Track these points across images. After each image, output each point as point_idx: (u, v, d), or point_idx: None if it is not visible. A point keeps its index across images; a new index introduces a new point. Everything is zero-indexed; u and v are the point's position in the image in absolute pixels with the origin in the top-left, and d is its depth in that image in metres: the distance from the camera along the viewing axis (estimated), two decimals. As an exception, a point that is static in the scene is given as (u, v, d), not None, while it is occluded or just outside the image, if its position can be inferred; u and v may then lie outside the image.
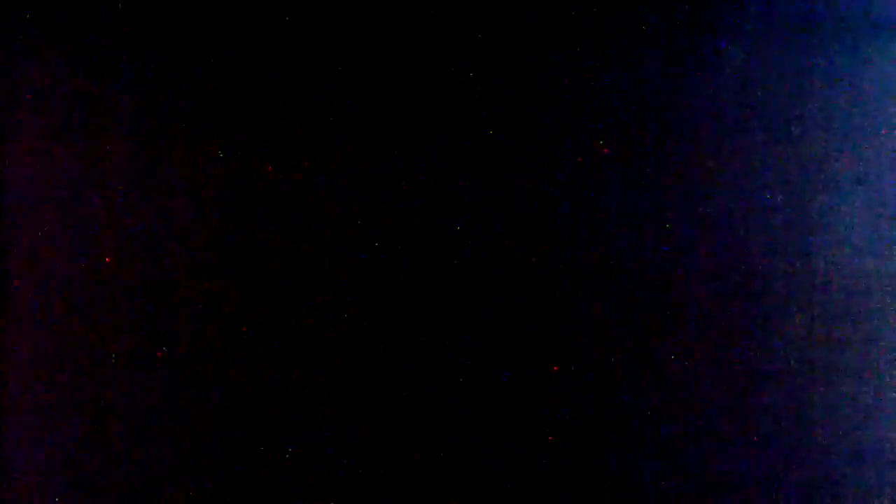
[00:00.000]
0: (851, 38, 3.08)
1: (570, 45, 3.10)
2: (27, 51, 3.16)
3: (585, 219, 3.07)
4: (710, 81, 3.08)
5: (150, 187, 3.13)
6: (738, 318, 3.05)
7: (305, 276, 3.09)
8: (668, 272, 3.06)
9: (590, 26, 3.10)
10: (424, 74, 3.11)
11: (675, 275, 3.06)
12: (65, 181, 3.14)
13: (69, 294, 3.12)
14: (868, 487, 3.04)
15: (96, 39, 3.15)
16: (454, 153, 3.10)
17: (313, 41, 3.13)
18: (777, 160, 3.07)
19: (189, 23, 3.14)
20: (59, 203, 3.13)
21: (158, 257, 3.11)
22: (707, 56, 3.08)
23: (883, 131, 3.07)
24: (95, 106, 3.14)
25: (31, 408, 3.12)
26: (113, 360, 3.11)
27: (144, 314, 3.10)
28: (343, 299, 3.09)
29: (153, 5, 3.15)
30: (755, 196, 3.06)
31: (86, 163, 3.14)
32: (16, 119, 3.15)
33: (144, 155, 3.13)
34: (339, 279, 3.09)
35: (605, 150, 3.08)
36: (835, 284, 3.05)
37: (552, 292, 3.07)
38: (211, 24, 3.14)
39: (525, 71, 3.09)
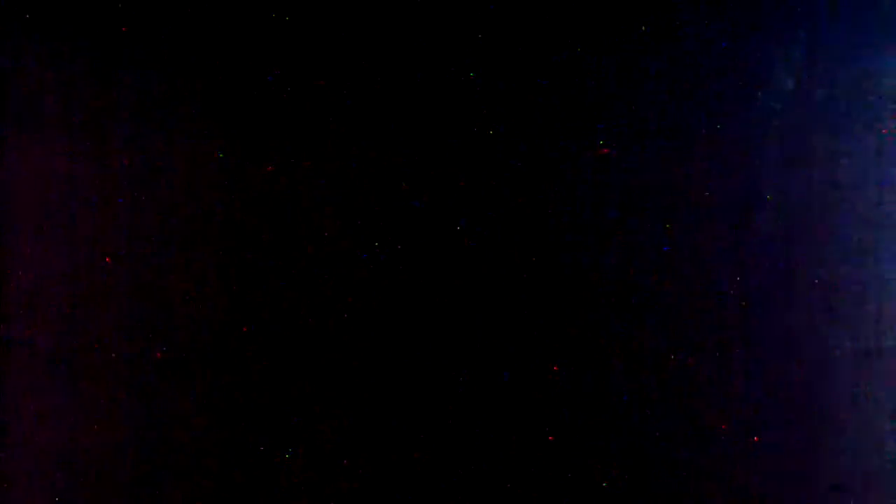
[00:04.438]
0: (852, 38, 3.08)
1: (570, 45, 3.10)
2: (27, 51, 3.16)
3: (585, 219, 3.07)
4: (710, 81, 3.08)
5: (150, 187, 3.13)
6: (738, 318, 3.05)
7: (305, 276, 3.09)
8: (669, 272, 3.06)
9: (590, 26, 3.10)
10: (424, 74, 3.10)
11: (675, 275, 3.06)
12: (65, 181, 3.14)
13: (69, 294, 3.12)
14: (868, 487, 3.04)
15: (96, 39, 3.15)
16: (454, 153, 3.10)
17: (313, 41, 3.13)
18: (777, 160, 3.07)
19: (189, 23, 3.14)
20: (59, 203, 3.13)
21: (158, 257, 3.11)
22: (707, 56, 3.08)
23: (883, 131, 3.07)
24: (95, 106, 3.14)
25: (31, 408, 3.12)
26: (113, 360, 3.11)
27: (144, 314, 3.10)
28: (343, 299, 3.09)
29: (153, 5, 3.15)
30: (755, 196, 3.06)
31: (86, 163, 3.14)
32: (16, 119, 3.15)
33: (144, 155, 3.13)
34: (340, 279, 3.09)
35: (605, 150, 3.08)
36: (834, 283, 3.05)
37: (552, 292, 3.07)
38: (211, 24, 3.14)
39: (525, 71, 3.09)
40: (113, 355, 3.11)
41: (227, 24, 3.13)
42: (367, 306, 3.09)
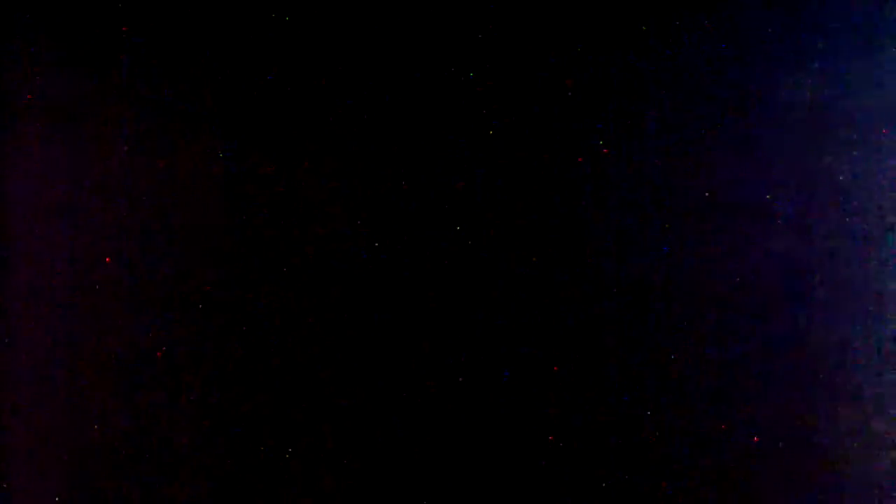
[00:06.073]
0: (852, 38, 3.08)
1: (570, 45, 3.10)
2: (27, 51, 3.16)
3: (585, 219, 3.07)
4: (710, 81, 3.08)
5: (151, 187, 3.13)
6: (738, 318, 3.05)
7: (306, 275, 3.09)
8: (668, 272, 3.06)
9: (591, 26, 3.10)
10: (425, 74, 3.11)
11: (675, 275, 3.06)
12: (65, 181, 3.14)
13: (69, 294, 3.12)
14: (869, 487, 3.04)
15: (96, 39, 3.15)
16: (454, 153, 3.10)
17: (313, 41, 3.13)
18: (777, 160, 3.07)
19: (189, 23, 3.14)
20: (59, 204, 3.13)
21: (158, 257, 3.11)
22: (706, 55, 3.08)
23: (884, 131, 3.07)
24: (95, 106, 3.14)
25: (31, 408, 3.12)
26: (113, 360, 3.11)
27: (144, 314, 3.10)
28: (343, 299, 3.09)
29: (153, 5, 3.15)
30: (755, 196, 3.06)
31: (86, 163, 3.14)
32: (16, 119, 3.15)
33: (144, 155, 3.13)
34: (340, 279, 3.09)
35: (605, 150, 3.08)
36: (835, 282, 3.05)
37: (552, 292, 3.07)
38: (211, 24, 3.14)
39: (525, 71, 3.09)
40: (113, 355, 3.11)
41: (227, 24, 3.14)
42: (368, 306, 3.09)
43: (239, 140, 3.12)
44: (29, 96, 3.15)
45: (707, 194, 3.07)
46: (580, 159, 3.08)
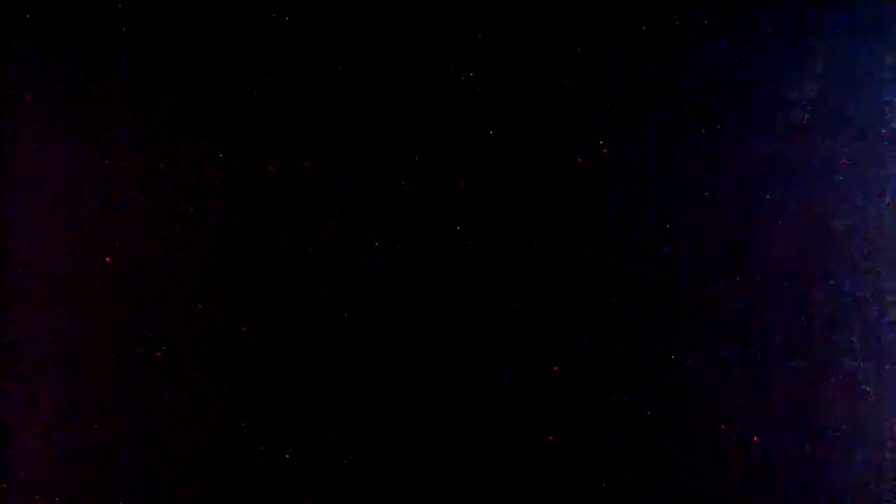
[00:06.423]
0: (852, 38, 3.08)
1: (570, 45, 3.10)
2: (27, 51, 3.16)
3: (585, 219, 3.07)
4: (710, 81, 3.08)
5: (151, 187, 3.13)
6: (738, 318, 3.05)
7: (306, 276, 3.09)
8: (669, 272, 3.06)
9: (590, 26, 3.10)
10: (424, 74, 3.10)
11: (675, 275, 3.06)
12: (65, 181, 3.14)
13: (69, 294, 3.12)
14: (869, 487, 3.03)
15: (96, 39, 3.15)
16: (454, 153, 3.10)
17: (313, 41, 3.13)
18: (777, 159, 3.07)
19: (189, 23, 3.14)
20: (59, 203, 3.13)
21: (158, 257, 3.11)
22: (706, 55, 3.08)
23: (884, 131, 3.07)
24: (95, 106, 3.14)
25: (32, 408, 3.12)
26: (113, 360, 3.11)
27: (144, 314, 3.10)
28: (343, 299, 3.09)
29: (153, 5, 3.15)
30: (755, 196, 3.06)
31: (86, 163, 3.14)
32: (16, 119, 3.15)
33: (144, 155, 3.13)
34: (340, 279, 3.09)
35: (605, 150, 3.08)
36: (835, 283, 3.05)
37: (553, 292, 3.07)
38: (211, 24, 3.14)
39: (525, 71, 3.09)
40: (113, 355, 3.11)
41: (227, 24, 3.14)
42: (367, 306, 3.09)
43: (239, 140, 3.12)
44: (29, 96, 3.15)
45: (707, 194, 3.07)
46: (580, 159, 3.08)
